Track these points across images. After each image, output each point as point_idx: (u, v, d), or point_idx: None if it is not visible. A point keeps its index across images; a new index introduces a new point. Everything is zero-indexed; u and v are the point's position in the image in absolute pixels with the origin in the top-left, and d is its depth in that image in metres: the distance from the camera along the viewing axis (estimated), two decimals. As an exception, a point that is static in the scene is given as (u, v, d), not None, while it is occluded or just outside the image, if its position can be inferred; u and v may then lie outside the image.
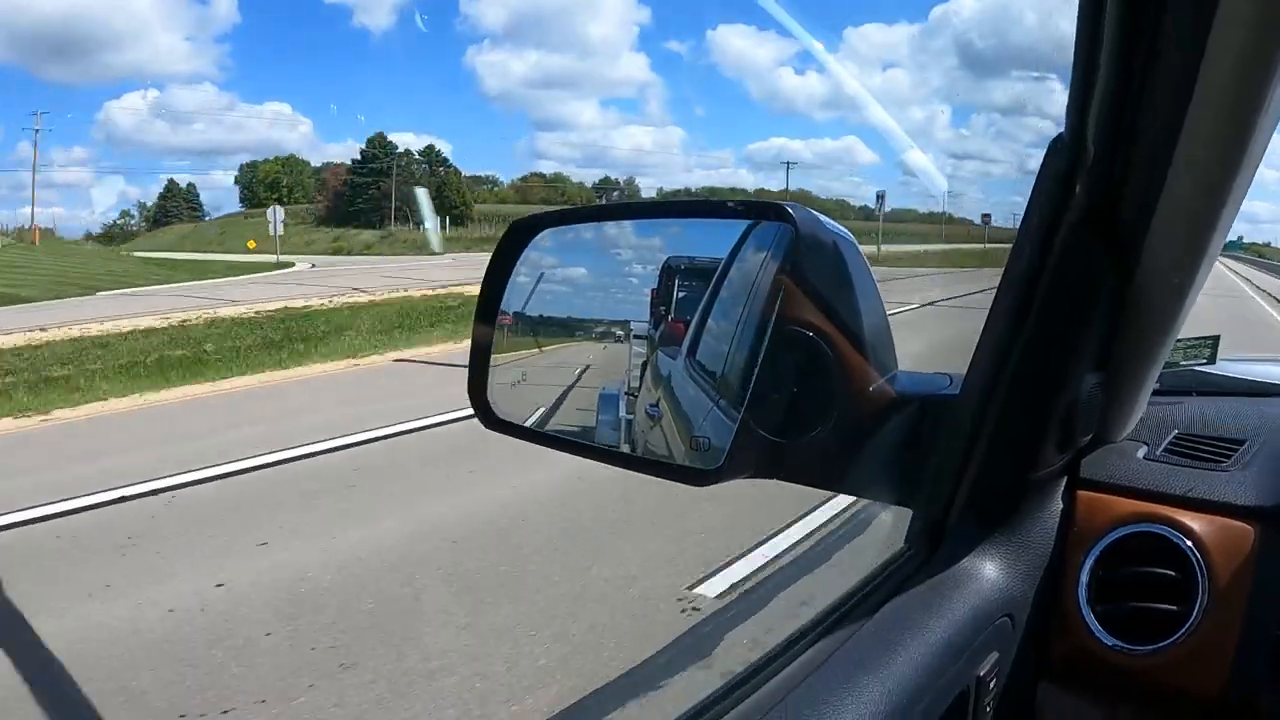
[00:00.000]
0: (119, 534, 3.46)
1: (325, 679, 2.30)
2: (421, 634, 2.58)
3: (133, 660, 2.42)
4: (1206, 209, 0.56)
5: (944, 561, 0.63)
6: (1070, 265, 0.58)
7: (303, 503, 3.87)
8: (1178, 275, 0.60)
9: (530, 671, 2.32)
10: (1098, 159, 0.56)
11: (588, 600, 2.76)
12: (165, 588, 2.91)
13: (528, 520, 3.54)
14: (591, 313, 0.71)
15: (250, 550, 3.23)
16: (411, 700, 2.20)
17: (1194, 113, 0.51)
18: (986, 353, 0.61)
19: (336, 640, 2.51)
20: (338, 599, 2.81)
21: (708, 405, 0.61)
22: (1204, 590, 0.64)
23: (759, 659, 0.56)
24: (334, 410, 5.90)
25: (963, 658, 0.58)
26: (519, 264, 0.70)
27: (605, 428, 0.67)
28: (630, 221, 0.75)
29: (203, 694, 2.22)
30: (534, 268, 0.70)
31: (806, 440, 0.57)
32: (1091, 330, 0.62)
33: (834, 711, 0.49)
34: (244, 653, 2.44)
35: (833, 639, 0.57)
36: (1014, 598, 0.64)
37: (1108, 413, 0.68)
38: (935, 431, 0.62)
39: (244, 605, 2.77)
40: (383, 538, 3.34)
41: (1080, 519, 0.69)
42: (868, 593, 0.62)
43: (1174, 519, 0.67)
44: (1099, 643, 0.66)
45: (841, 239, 0.58)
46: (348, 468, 4.39)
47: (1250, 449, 0.74)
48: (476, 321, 0.70)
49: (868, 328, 0.58)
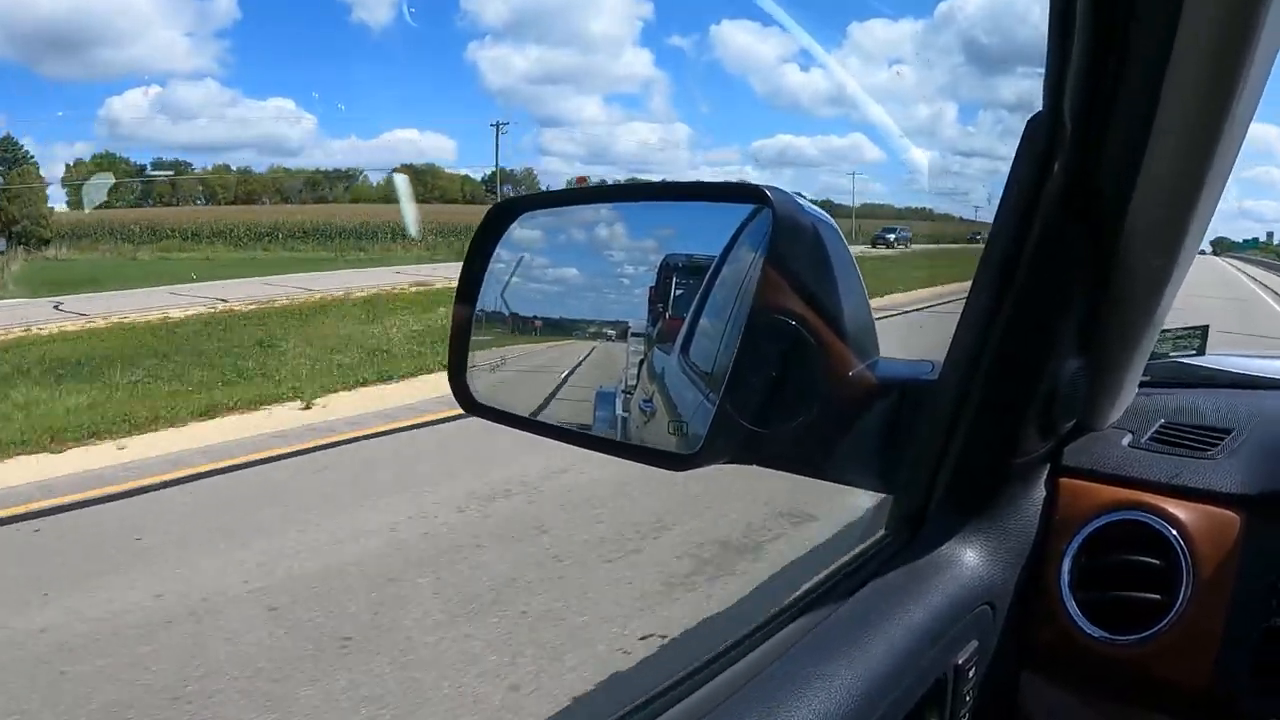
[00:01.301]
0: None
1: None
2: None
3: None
4: (1185, 188, 0.55)
5: (923, 547, 0.63)
6: (1050, 245, 0.58)
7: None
8: (1159, 258, 0.60)
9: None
10: (1075, 135, 0.55)
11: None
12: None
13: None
14: (582, 313, 0.71)
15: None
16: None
17: (1170, 87, 0.50)
18: (966, 337, 0.60)
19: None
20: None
21: (697, 398, 0.61)
22: (1188, 579, 0.63)
23: (728, 643, 0.55)
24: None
25: (940, 645, 0.58)
26: (499, 247, 0.69)
27: (602, 424, 0.66)
28: (623, 222, 0.75)
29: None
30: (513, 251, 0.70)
31: (787, 426, 0.57)
32: (1072, 313, 0.61)
33: (801, 696, 0.49)
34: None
35: (804, 623, 0.56)
36: (995, 585, 0.63)
37: (1091, 399, 0.68)
38: (916, 417, 0.62)
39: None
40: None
41: (1063, 506, 0.68)
42: (843, 577, 0.62)
43: (1158, 507, 0.66)
44: (1081, 632, 0.65)
45: (822, 223, 0.58)
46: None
47: (1237, 438, 0.73)
48: (456, 304, 0.70)
49: (848, 313, 0.58)
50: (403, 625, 2.64)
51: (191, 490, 4.19)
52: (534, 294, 0.72)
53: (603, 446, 0.65)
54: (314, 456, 4.81)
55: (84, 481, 4.30)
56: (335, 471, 4.59)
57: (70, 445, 5.10)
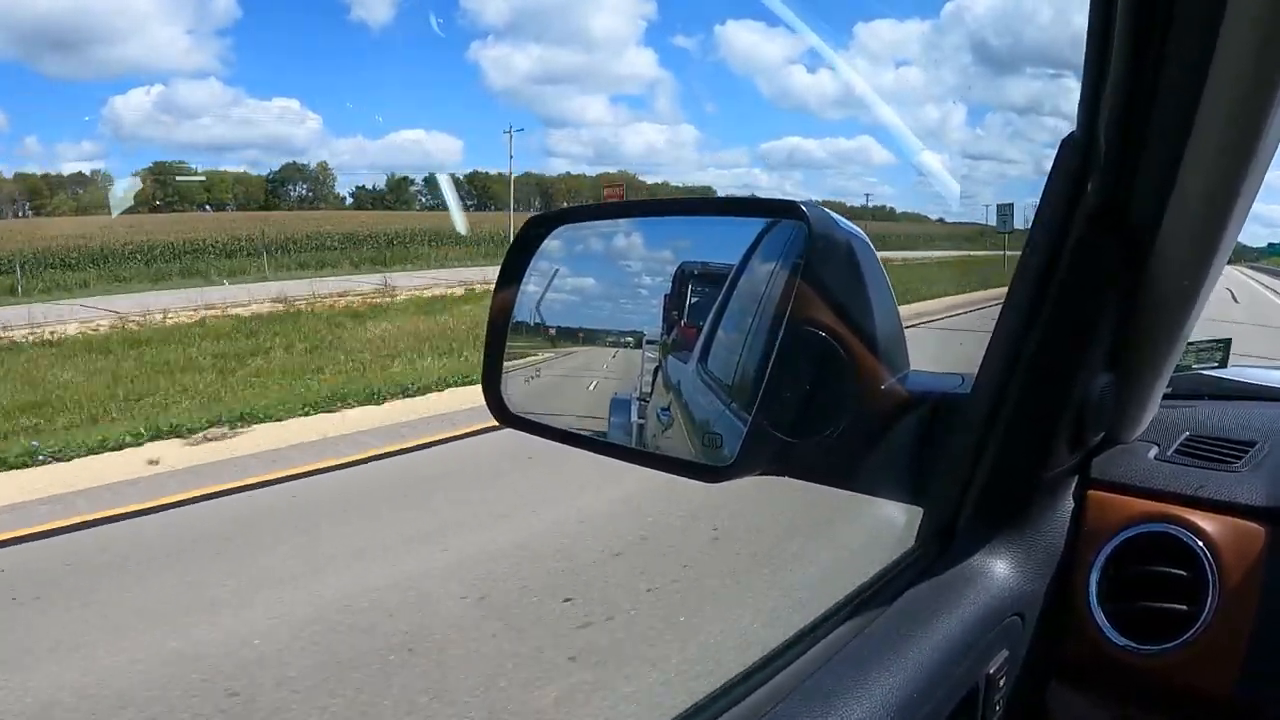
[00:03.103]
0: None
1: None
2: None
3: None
4: (1216, 209, 0.56)
5: (954, 560, 0.64)
6: (1082, 263, 0.58)
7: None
8: (1188, 275, 0.60)
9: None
10: (1109, 156, 0.56)
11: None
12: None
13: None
14: (603, 322, 0.72)
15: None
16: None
17: (1205, 111, 0.51)
18: (998, 351, 0.61)
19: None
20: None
21: (719, 407, 0.62)
22: (1214, 590, 0.64)
23: (768, 653, 0.56)
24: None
25: (972, 655, 0.58)
26: (534, 260, 0.71)
27: (617, 431, 0.67)
28: (640, 232, 0.76)
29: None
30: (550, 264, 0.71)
31: (818, 438, 0.57)
32: (1103, 329, 0.62)
33: (843, 705, 0.49)
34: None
35: (842, 634, 0.57)
36: (1024, 596, 0.64)
37: (1119, 413, 0.68)
38: (947, 431, 0.62)
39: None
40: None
41: (1091, 518, 0.69)
42: (878, 589, 0.63)
43: (1185, 519, 0.66)
44: (1109, 642, 0.66)
45: (855, 238, 0.59)
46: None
47: (1261, 450, 0.73)
48: (491, 317, 0.71)
49: (880, 327, 0.58)
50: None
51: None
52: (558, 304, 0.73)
53: (637, 458, 0.65)
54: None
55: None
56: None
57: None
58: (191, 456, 5.23)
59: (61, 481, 4.67)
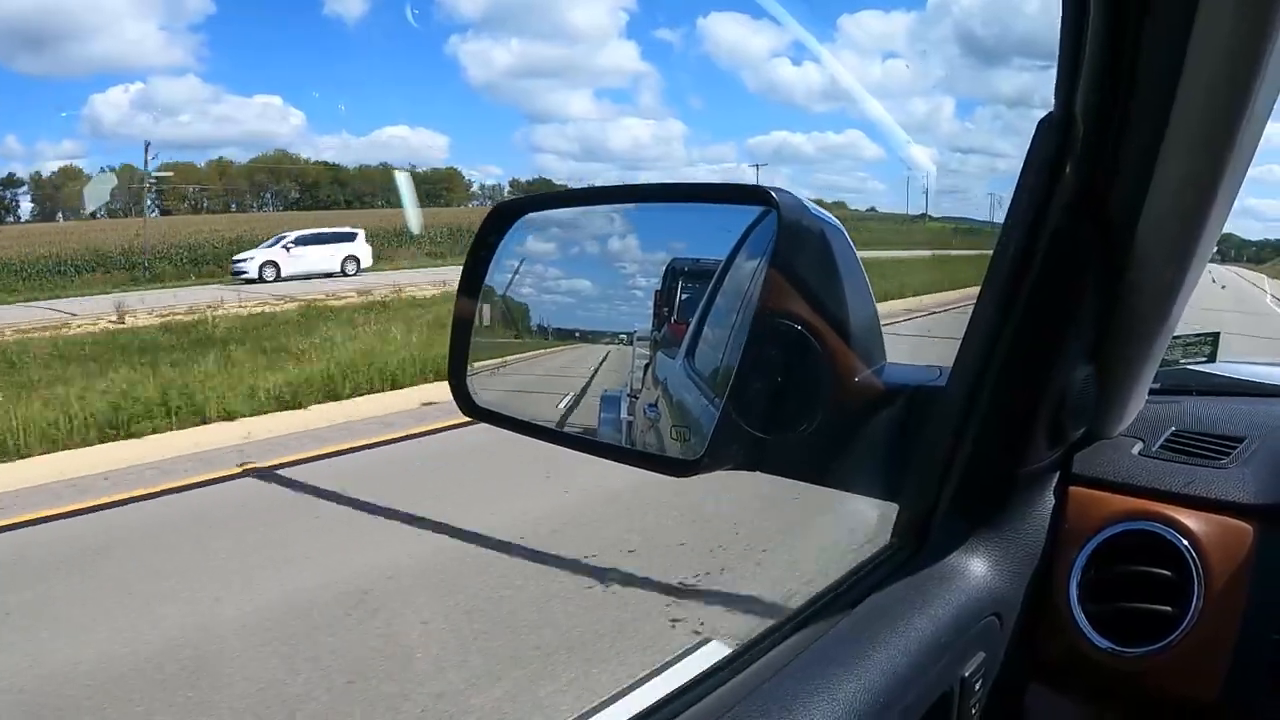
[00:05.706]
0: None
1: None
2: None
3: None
4: (1199, 191, 0.54)
5: (930, 557, 0.62)
6: (1060, 250, 0.56)
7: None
8: (1171, 262, 0.59)
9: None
10: (1088, 138, 0.54)
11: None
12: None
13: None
14: (589, 322, 0.70)
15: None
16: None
17: (1185, 85, 0.49)
18: (974, 342, 0.59)
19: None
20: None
21: (703, 403, 0.61)
22: (1200, 591, 0.62)
23: (730, 653, 0.54)
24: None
25: (946, 657, 0.56)
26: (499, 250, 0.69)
27: (607, 428, 0.66)
28: (635, 233, 0.74)
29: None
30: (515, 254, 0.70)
31: (791, 433, 0.56)
32: (1082, 319, 0.60)
33: (803, 708, 0.48)
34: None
35: (808, 634, 0.55)
36: (1002, 596, 0.62)
37: (1101, 407, 0.67)
38: (923, 424, 0.61)
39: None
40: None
41: (1072, 515, 0.67)
42: (848, 587, 0.61)
43: (1170, 516, 0.65)
44: (1090, 644, 0.64)
45: (829, 226, 0.57)
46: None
47: (1249, 447, 0.72)
48: (457, 306, 0.69)
49: (855, 318, 0.57)
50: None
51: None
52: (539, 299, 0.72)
53: (604, 452, 0.64)
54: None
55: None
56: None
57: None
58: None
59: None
